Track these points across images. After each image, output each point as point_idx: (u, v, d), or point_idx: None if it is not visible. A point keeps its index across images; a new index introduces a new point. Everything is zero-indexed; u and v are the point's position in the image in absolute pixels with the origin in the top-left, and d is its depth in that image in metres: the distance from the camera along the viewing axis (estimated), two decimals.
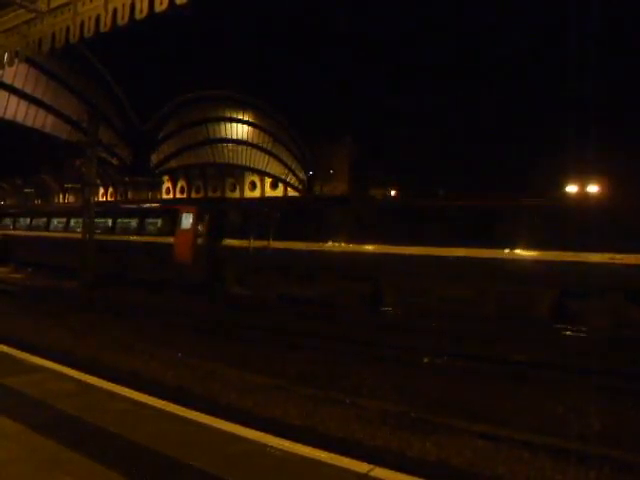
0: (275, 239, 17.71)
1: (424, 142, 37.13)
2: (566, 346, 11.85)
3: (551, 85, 32.25)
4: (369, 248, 16.05)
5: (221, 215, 20.38)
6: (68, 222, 27.33)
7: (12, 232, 31.12)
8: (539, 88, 32.71)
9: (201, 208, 20.83)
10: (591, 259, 12.70)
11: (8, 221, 32.72)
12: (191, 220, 20.21)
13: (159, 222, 22.38)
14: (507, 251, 13.83)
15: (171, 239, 20.57)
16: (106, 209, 27.57)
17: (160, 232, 21.82)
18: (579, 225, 13.29)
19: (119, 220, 24.54)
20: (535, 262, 13.48)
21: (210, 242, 19.65)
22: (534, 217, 14.03)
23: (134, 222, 23.58)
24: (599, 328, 12.38)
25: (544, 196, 17.19)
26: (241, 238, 18.69)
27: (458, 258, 14.22)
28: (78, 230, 24.73)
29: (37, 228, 29.37)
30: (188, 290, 19.53)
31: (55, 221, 28.65)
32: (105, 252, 22.67)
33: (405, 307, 15.12)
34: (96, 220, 24.53)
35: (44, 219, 29.41)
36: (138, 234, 22.71)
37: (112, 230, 24.21)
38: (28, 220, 30.75)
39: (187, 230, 20.13)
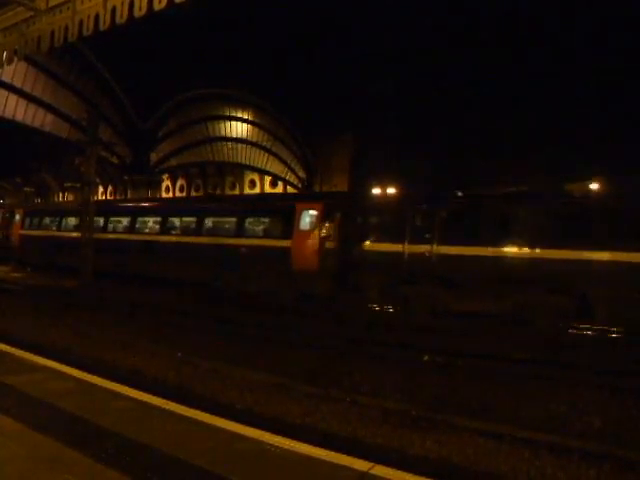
0: (441, 243, 14.79)
1: (424, 141, 37.08)
2: None
3: (550, 82, 32.30)
4: (576, 254, 12.92)
5: (357, 213, 17.16)
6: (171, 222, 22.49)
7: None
8: (540, 85, 32.72)
9: (329, 204, 17.33)
10: None
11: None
12: (315, 219, 17.02)
13: (268, 222, 19.00)
14: None
15: (287, 242, 17.27)
16: (188, 207, 23.94)
17: (269, 234, 18.44)
18: None
19: (208, 220, 20.74)
20: None
21: (343, 246, 16.52)
22: None
23: (230, 222, 19.91)
24: None
25: None
26: (389, 242, 15.69)
27: None
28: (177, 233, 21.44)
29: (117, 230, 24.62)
30: (307, 303, 16.62)
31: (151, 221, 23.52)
32: (188, 258, 19.87)
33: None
34: (173, 219, 21.88)
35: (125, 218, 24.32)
36: (237, 236, 19.03)
37: (198, 231, 20.48)
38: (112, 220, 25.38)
39: (310, 231, 16.94)
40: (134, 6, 7.20)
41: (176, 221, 22.22)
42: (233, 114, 58.88)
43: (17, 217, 30.43)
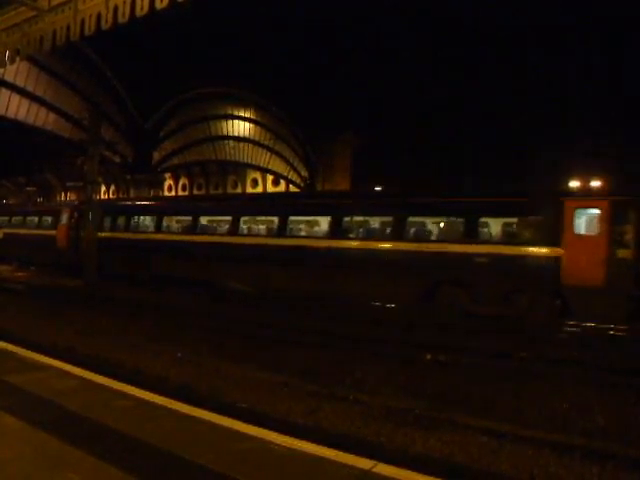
0: None
1: (425, 139, 37.10)
2: None
3: (552, 80, 32.31)
4: None
5: None
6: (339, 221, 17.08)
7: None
8: (540, 83, 32.73)
9: (620, 202, 13.23)
10: None
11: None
12: (599, 220, 13.17)
13: (515, 223, 14.90)
14: None
15: (552, 250, 13.36)
16: (377, 203, 17.72)
17: (518, 239, 14.52)
18: None
19: (413, 220, 16.00)
20: None
21: None
22: None
23: (449, 223, 15.65)
24: None
25: None
26: None
27: None
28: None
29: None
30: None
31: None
32: (375, 270, 15.36)
33: None
34: (350, 219, 17.07)
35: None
36: (463, 242, 14.46)
37: (397, 236, 15.59)
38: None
39: (592, 237, 13.19)
40: (136, 5, 7.22)
41: (356, 221, 17.18)
42: (235, 113, 58.92)
43: (92, 217, 23.64)
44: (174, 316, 14.68)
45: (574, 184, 21.56)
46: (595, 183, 20.53)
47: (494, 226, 15.23)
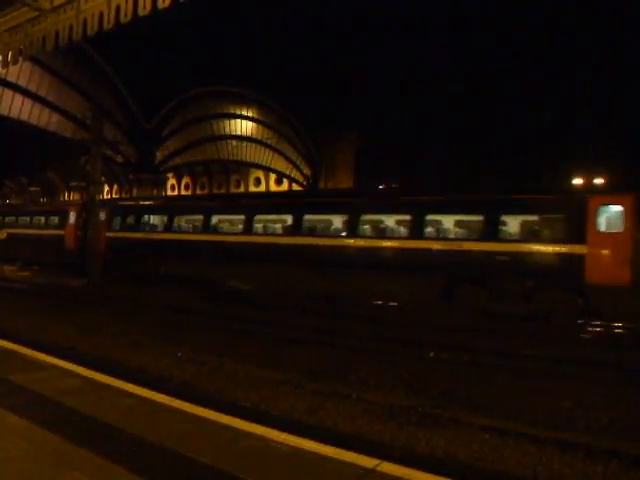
0: None
1: (427, 138, 37.12)
2: None
3: (555, 81, 32.25)
4: None
5: None
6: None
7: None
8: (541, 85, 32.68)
9: None
10: None
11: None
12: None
13: None
14: None
15: None
16: None
17: None
18: None
19: None
20: None
21: None
22: None
23: None
24: None
25: None
26: None
27: None
28: None
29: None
30: None
31: None
32: None
33: None
34: None
35: None
36: None
37: None
38: None
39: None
40: (138, 5, 7.22)
41: None
42: (237, 112, 58.95)
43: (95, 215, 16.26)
44: (175, 315, 14.71)
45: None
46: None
47: None
